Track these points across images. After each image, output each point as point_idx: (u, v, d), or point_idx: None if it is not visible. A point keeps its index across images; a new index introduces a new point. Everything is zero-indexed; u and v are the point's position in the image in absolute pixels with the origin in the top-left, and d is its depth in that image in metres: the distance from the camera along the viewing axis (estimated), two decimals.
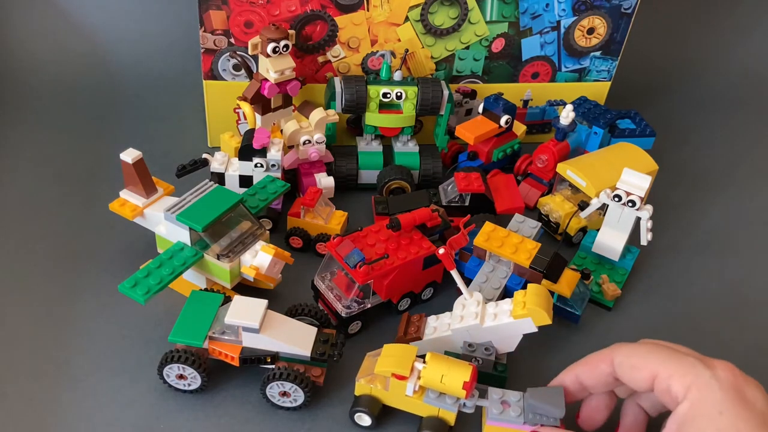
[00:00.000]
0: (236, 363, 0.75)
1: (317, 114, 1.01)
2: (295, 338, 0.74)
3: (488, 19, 1.09)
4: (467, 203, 0.98)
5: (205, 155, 0.96)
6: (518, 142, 1.13)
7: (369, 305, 0.84)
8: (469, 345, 0.76)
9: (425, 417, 0.72)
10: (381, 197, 1.02)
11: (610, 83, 1.21)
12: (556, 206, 1.00)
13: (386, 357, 0.70)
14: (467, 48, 1.11)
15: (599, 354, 0.68)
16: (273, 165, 0.96)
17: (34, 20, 1.30)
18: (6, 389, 0.76)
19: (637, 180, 0.88)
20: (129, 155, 0.84)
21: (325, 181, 1.01)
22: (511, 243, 0.84)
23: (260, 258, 0.81)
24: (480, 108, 1.08)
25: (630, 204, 0.88)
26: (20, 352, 0.80)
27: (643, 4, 1.14)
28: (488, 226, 0.86)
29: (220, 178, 0.97)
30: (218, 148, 1.04)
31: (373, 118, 1.05)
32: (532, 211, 1.06)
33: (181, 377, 0.75)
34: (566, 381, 0.69)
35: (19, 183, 1.05)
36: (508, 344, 0.76)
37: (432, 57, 1.11)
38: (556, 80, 1.19)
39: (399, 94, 1.03)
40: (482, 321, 0.75)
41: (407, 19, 1.07)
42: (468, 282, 0.86)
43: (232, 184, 0.97)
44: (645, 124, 1.12)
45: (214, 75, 1.07)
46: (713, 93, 1.45)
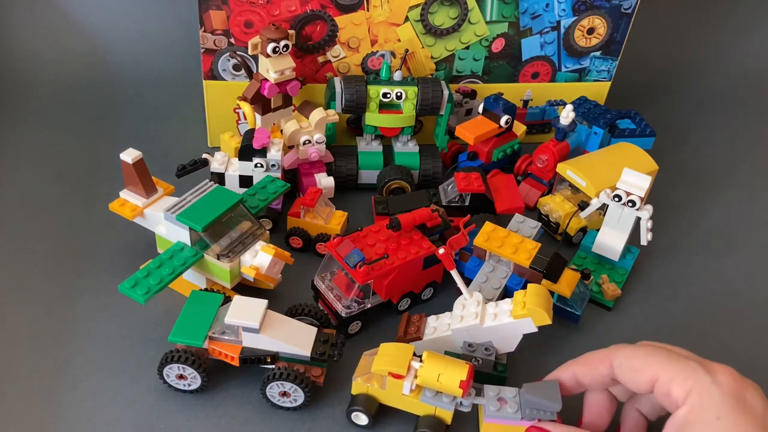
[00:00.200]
0: (236, 363, 0.75)
1: (317, 114, 1.01)
2: (295, 338, 0.74)
3: (488, 19, 1.09)
4: (467, 203, 0.98)
5: (205, 155, 0.96)
6: (518, 142, 1.13)
7: (369, 305, 0.84)
8: (469, 345, 0.76)
9: (422, 416, 0.72)
10: (381, 197, 1.02)
11: (610, 83, 1.21)
12: (556, 206, 1.00)
13: (383, 356, 0.70)
14: (467, 48, 1.11)
15: (598, 354, 0.68)
16: (273, 165, 0.96)
17: (35, 20, 1.30)
18: (6, 389, 0.76)
19: (637, 180, 0.88)
20: (129, 155, 0.84)
21: (325, 181, 1.01)
22: (511, 243, 0.84)
23: (260, 258, 0.81)
24: (480, 108, 1.08)
25: (630, 204, 0.88)
26: (20, 352, 0.80)
27: (643, 4, 1.14)
28: (488, 226, 0.86)
29: (220, 178, 0.97)
30: (218, 148, 1.04)
31: (373, 118, 1.05)
32: (532, 211, 1.06)
33: (181, 377, 0.75)
34: (563, 377, 0.69)
35: (19, 183, 1.05)
36: (508, 344, 0.76)
37: (432, 57, 1.11)
38: (556, 80, 1.18)
39: (399, 94, 1.03)
40: (482, 321, 0.75)
41: (407, 19, 1.07)
42: (468, 282, 0.86)
43: (232, 184, 0.97)
44: (645, 124, 1.12)
45: (214, 75, 1.07)
46: (713, 93, 1.45)
